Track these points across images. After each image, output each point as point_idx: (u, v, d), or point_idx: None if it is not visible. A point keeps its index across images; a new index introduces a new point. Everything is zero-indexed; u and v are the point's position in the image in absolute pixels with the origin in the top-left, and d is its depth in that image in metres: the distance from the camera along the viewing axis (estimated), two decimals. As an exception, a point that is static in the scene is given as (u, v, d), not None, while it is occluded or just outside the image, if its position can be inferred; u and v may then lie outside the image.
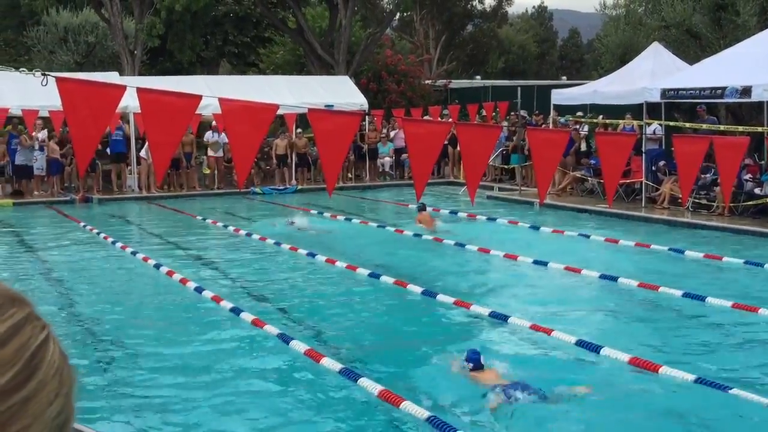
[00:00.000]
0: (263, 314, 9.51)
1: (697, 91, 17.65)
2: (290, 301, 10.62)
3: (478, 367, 6.98)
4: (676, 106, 20.19)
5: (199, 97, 6.39)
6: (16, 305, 0.78)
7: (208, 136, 24.06)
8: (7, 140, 22.12)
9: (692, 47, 26.47)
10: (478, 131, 7.77)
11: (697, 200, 17.19)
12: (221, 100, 6.54)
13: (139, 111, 18.47)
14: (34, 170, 22.13)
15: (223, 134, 22.95)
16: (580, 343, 8.00)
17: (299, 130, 24.79)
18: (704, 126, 17.91)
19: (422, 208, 16.24)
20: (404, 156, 26.11)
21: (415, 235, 15.25)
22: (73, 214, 19.06)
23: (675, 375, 7.06)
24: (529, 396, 6.51)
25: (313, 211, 19.07)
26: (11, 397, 0.72)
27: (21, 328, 0.76)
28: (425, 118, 25.94)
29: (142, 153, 22.54)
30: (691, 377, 6.94)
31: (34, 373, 0.75)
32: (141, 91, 6.16)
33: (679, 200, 17.61)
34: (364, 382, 6.89)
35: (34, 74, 5.55)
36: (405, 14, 54.78)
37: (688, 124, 18.68)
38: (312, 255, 13.16)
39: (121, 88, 6.25)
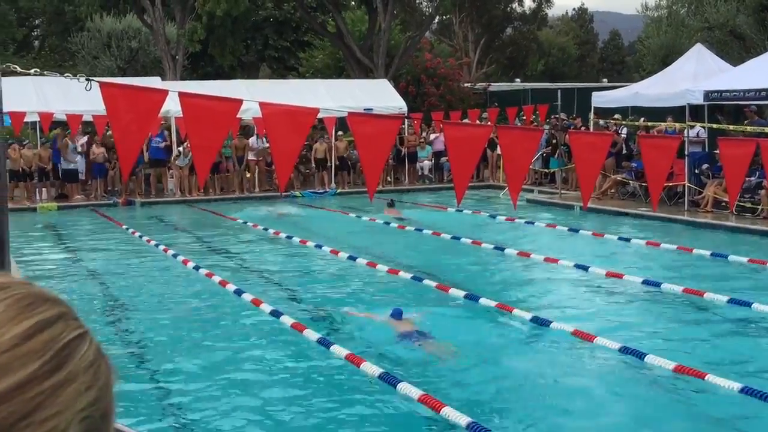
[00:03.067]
0: (303, 317, 9.54)
1: (741, 93, 17.39)
2: (329, 304, 10.63)
3: (398, 319, 9.08)
4: (720, 108, 19.90)
5: (240, 102, 6.42)
6: (49, 304, 0.83)
7: (253, 141, 24.30)
8: (53, 144, 22.53)
9: (736, 48, 26.11)
10: (519, 134, 7.69)
11: (741, 203, 16.90)
12: (262, 105, 6.56)
13: (180, 115, 18.66)
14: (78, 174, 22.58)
15: (263, 138, 23.29)
16: (624, 350, 7.89)
17: (340, 132, 24.91)
18: (748, 128, 17.62)
19: (391, 204, 19.47)
20: (443, 159, 26.05)
21: (453, 237, 15.22)
22: (116, 217, 19.30)
23: (720, 383, 6.93)
24: (424, 341, 8.50)
25: (352, 214, 19.18)
26: (40, 384, 0.78)
27: (52, 324, 0.82)
28: (464, 121, 25.86)
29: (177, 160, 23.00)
30: (737, 386, 6.81)
31: (65, 363, 0.80)
32: (183, 96, 6.20)
33: (723, 204, 17.35)
34: (404, 386, 6.87)
35: (78, 79, 5.61)
36: (444, 17, 54.69)
37: (731, 127, 18.39)
38: (353, 258, 13.22)
39: (163, 93, 6.30)
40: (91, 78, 5.94)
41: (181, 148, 22.84)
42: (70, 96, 20.48)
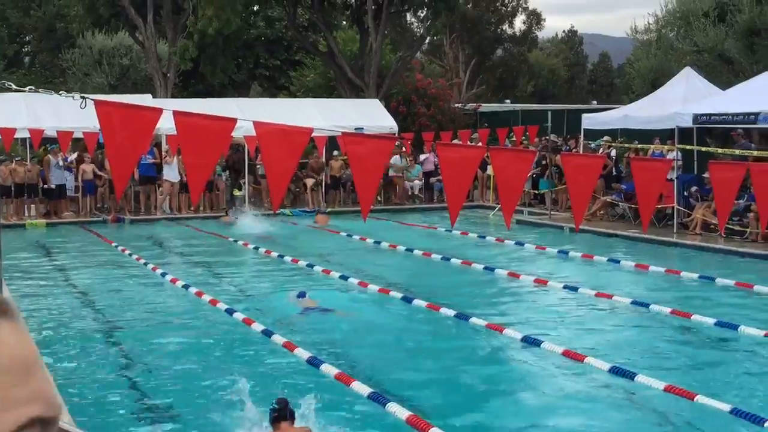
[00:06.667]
0: (296, 338, 9.53)
1: (730, 117, 17.53)
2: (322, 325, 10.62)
3: (302, 298, 11.19)
4: (708, 131, 20.04)
5: (234, 121, 6.45)
6: None
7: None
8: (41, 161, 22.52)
9: (725, 72, 26.33)
10: (512, 156, 7.76)
11: (730, 226, 16.98)
12: (256, 124, 6.59)
13: (171, 133, 18.50)
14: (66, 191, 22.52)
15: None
16: (614, 370, 7.92)
17: (336, 152, 24.95)
18: (737, 152, 17.75)
19: (321, 211, 22.26)
20: (433, 179, 26.11)
21: (444, 258, 15.26)
22: (105, 235, 19.24)
23: (711, 404, 6.96)
24: (321, 314, 10.56)
25: (343, 233, 19.20)
26: None
27: None
28: (454, 141, 25.96)
29: (167, 176, 22.89)
30: (727, 407, 6.84)
31: None
32: (178, 114, 6.23)
33: (712, 226, 17.44)
34: (392, 407, 6.87)
35: (74, 97, 5.63)
36: (435, 38, 54.96)
37: (720, 150, 18.52)
38: (345, 278, 13.22)
39: (158, 111, 6.32)
40: (86, 96, 5.96)
41: (168, 160, 22.65)
42: (61, 113, 20.49)
